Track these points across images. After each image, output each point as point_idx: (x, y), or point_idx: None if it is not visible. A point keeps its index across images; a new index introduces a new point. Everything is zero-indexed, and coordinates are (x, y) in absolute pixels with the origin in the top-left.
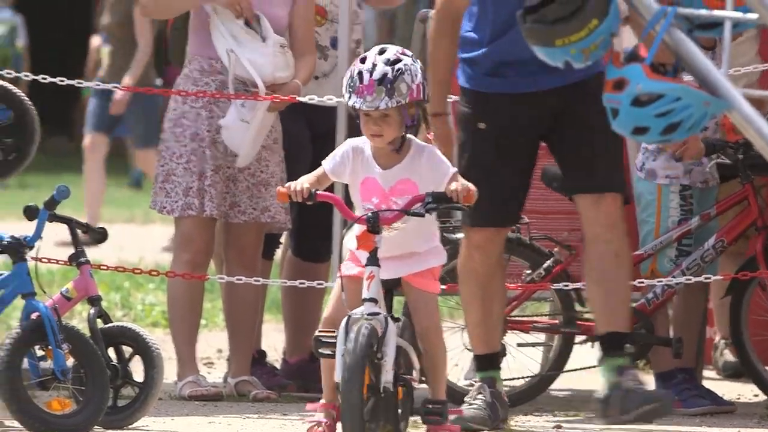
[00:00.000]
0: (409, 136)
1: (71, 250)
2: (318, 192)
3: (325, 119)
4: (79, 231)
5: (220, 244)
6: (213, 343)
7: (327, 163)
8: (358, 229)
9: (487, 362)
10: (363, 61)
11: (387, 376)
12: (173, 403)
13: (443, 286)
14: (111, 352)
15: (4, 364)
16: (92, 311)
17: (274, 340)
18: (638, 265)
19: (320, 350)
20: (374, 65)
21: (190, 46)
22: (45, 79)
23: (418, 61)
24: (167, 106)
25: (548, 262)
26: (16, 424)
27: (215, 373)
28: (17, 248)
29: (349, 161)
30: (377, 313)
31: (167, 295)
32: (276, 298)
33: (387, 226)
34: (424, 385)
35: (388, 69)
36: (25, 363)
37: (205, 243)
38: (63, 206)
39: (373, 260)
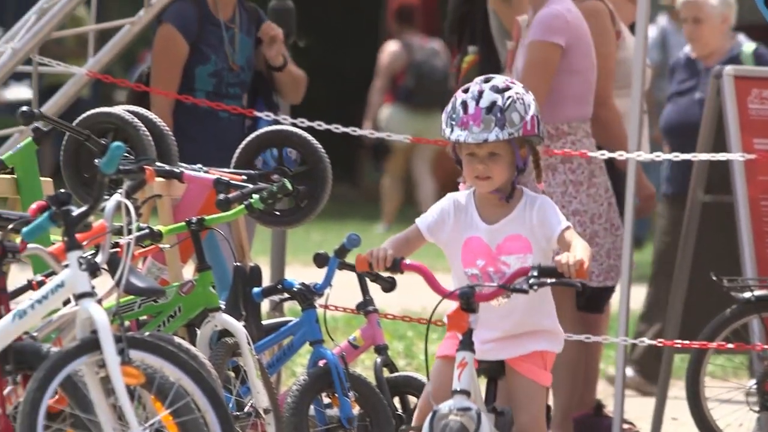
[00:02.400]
0: (520, 186)
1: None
2: (404, 261)
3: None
4: (367, 279)
5: None
6: None
7: (422, 221)
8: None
9: None
10: (466, 91)
11: None
12: None
13: (730, 345)
14: (396, 402)
15: (291, 410)
16: (379, 360)
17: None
18: None
19: None
20: (480, 93)
21: None
22: (338, 129)
23: (530, 93)
24: None
25: None
26: None
27: None
28: (306, 295)
29: (449, 218)
30: (468, 408)
31: None
32: None
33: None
34: None
35: (498, 96)
36: (312, 410)
37: None
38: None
39: (467, 344)
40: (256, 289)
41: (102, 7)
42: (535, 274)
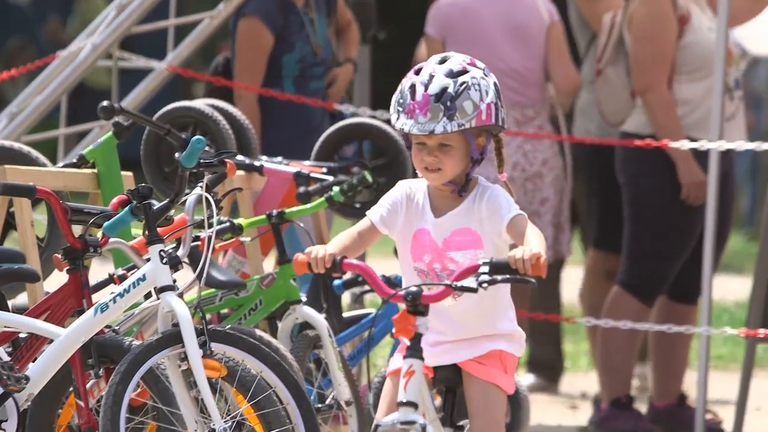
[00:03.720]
0: (476, 175)
1: None
2: (346, 260)
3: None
4: None
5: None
6: (578, 385)
7: (374, 213)
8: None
9: None
10: (418, 72)
11: None
12: None
13: None
14: None
15: (374, 402)
16: None
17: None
18: None
19: None
20: (431, 77)
21: None
22: None
23: (492, 74)
24: None
25: None
26: None
27: (580, 416)
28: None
29: (401, 208)
30: (412, 422)
31: None
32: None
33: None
34: None
35: (450, 82)
36: None
37: None
38: None
39: (415, 350)
40: (336, 282)
41: (181, 1)
42: (486, 270)
